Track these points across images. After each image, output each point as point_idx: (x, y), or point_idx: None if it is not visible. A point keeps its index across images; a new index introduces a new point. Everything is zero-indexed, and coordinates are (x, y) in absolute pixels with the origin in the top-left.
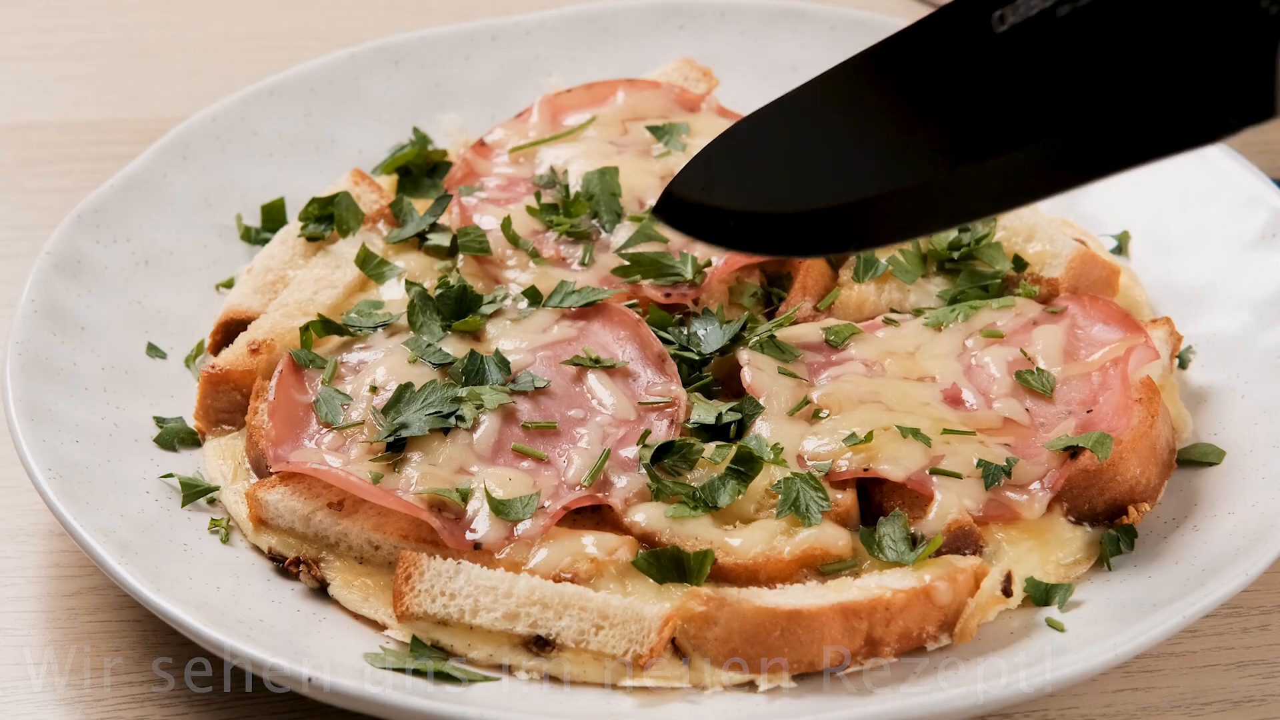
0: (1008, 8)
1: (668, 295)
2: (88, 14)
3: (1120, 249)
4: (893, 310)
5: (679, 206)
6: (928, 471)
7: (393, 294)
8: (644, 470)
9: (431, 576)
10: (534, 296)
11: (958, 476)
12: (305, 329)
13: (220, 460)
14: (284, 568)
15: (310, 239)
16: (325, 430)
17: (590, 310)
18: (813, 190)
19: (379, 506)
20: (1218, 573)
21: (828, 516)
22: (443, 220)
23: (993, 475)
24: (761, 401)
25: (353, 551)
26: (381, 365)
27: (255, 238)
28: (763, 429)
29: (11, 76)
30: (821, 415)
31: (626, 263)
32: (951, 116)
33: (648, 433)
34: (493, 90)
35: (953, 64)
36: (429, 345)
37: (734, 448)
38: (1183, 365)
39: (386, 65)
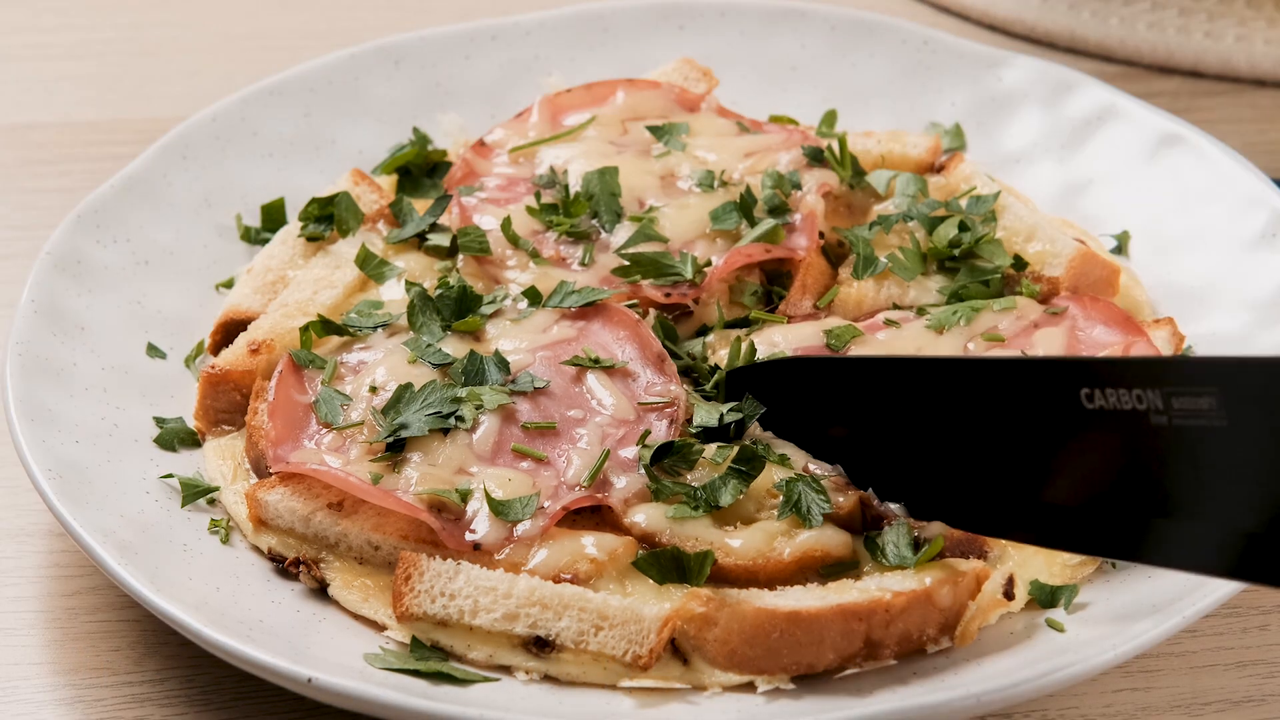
0: (1095, 389)
1: (668, 295)
2: (88, 14)
3: (1120, 249)
4: (895, 306)
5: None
6: None
7: (393, 294)
8: (644, 470)
9: (431, 577)
10: (534, 296)
11: None
12: (305, 329)
13: (220, 460)
14: (284, 568)
15: (310, 239)
16: (325, 430)
17: (590, 310)
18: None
19: (379, 507)
20: None
21: (829, 518)
22: (443, 220)
23: None
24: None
25: (353, 552)
26: (381, 365)
27: (255, 238)
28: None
29: (11, 76)
30: None
31: (626, 263)
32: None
33: (648, 433)
34: (493, 90)
35: (1041, 427)
36: (429, 345)
37: (735, 447)
38: None
39: (386, 65)
